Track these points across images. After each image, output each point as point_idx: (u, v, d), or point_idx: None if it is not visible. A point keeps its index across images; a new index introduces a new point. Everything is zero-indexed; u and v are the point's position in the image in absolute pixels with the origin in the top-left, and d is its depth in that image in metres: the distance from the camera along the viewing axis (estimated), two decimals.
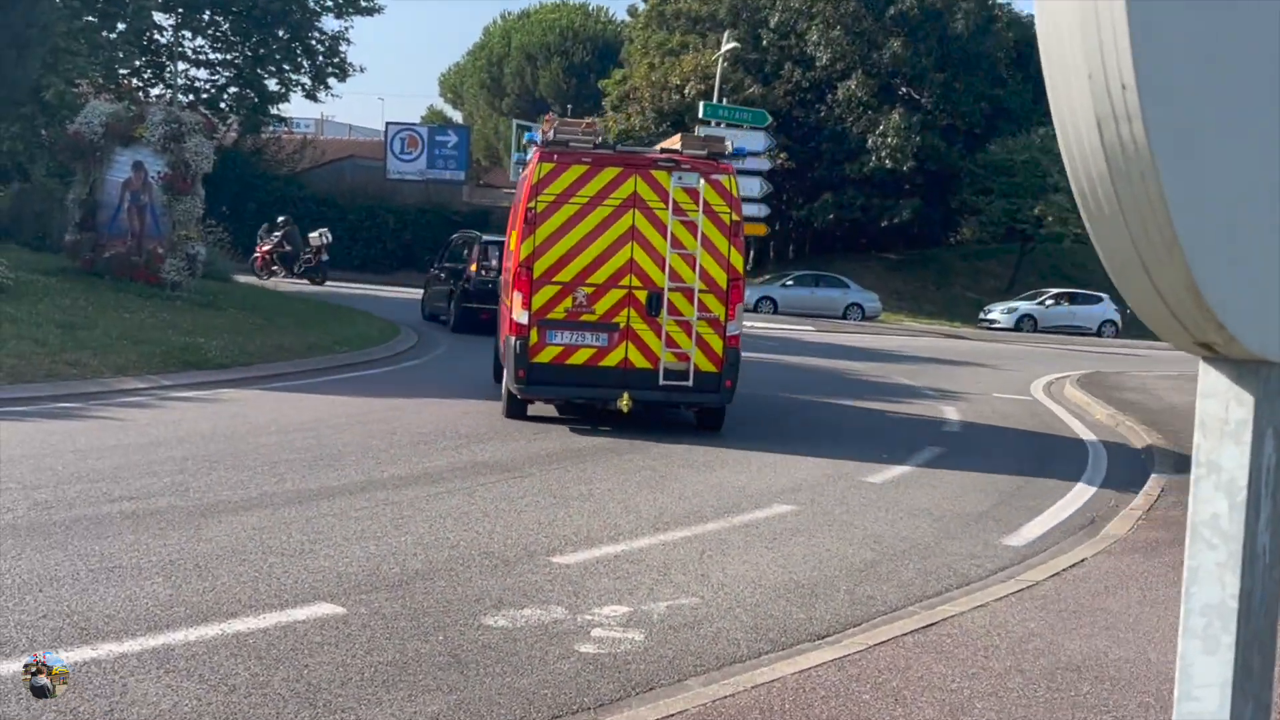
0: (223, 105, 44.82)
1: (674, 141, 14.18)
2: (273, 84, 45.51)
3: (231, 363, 16.16)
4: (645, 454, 12.15)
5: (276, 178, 46.82)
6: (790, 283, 43.82)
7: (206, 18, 44.43)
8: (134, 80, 42.64)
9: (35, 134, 29.44)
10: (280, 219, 37.67)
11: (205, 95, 44.60)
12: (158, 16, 42.47)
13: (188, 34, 44.26)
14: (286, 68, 45.39)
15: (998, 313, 44.67)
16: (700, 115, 40.89)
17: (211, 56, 45.20)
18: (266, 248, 35.80)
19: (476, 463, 10.95)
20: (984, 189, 48.92)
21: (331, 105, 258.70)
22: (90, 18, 32.58)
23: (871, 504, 10.53)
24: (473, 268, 25.22)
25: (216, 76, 45.17)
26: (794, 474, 11.64)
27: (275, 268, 35.66)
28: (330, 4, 45.10)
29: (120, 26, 36.46)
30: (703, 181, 13.41)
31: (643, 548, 8.35)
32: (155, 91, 43.67)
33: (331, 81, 46.44)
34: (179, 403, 13.35)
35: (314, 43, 45.36)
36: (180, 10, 43.11)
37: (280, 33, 44.48)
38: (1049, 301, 45.00)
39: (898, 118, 47.03)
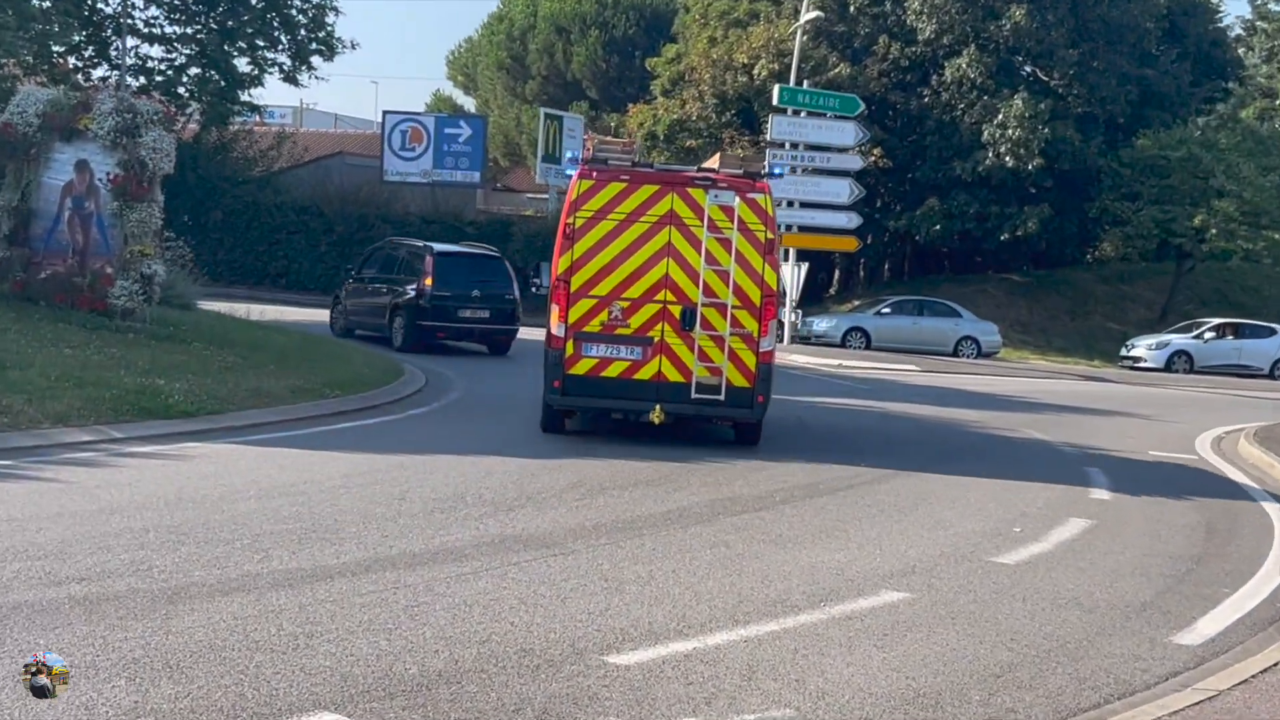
0: (181, 90, 45.31)
1: (713, 161, 17.51)
2: (243, 63, 45.98)
3: (199, 410, 16.26)
4: (715, 525, 12.12)
5: (247, 180, 47.36)
6: (887, 310, 43.80)
7: None
8: (72, 60, 43.22)
9: None
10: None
11: (160, 78, 45.05)
12: None
13: (138, 1, 44.86)
14: (260, 43, 45.82)
15: (1142, 349, 44.43)
16: (775, 101, 41.08)
17: (168, 30, 45.67)
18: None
19: (507, 535, 10.94)
20: (1130, 194, 48.74)
21: (315, 90, 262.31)
22: None
23: (1004, 591, 10.44)
24: (427, 282, 27.76)
25: (174, 55, 45.63)
26: (904, 552, 11.57)
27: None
28: None
29: None
30: (738, 199, 16.63)
31: (720, 645, 8.30)
32: (98, 73, 44.21)
33: (316, 61, 46.87)
34: (135, 460, 13.44)
35: (294, 12, 45.81)
36: None
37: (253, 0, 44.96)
38: (1208, 335, 44.66)
39: (1020, 104, 47.00)
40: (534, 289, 18.59)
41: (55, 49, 39.81)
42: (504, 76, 65.69)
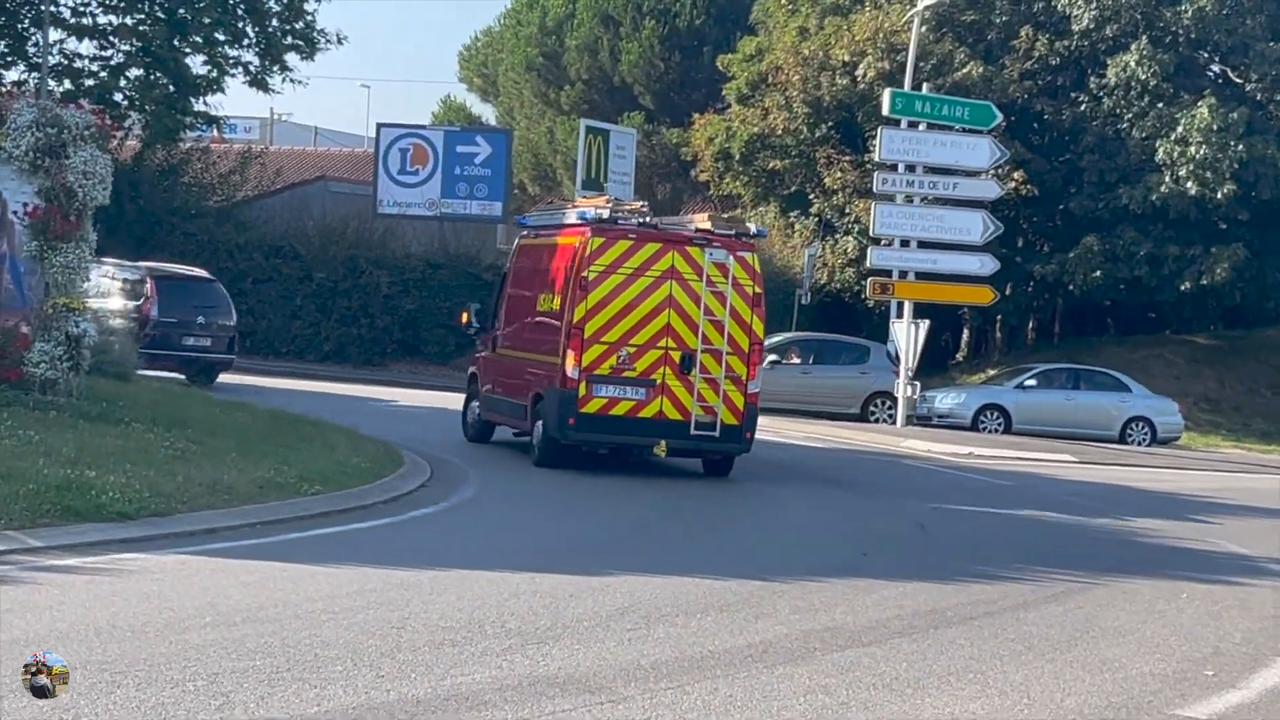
0: (119, 97, 45.70)
1: (701, 219, 25.57)
2: (198, 63, 46.43)
3: (139, 511, 16.28)
4: (810, 665, 12.03)
5: (202, 212, 47.70)
6: (1032, 383, 43.64)
7: None
8: None
9: None
10: None
11: (91, 81, 45.47)
12: None
13: None
14: (220, 37, 46.19)
15: None
16: (885, 110, 41.19)
17: (101, 20, 46.03)
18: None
19: (538, 676, 10.90)
20: None
21: (290, 97, 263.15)
22: None
23: None
24: (146, 306, 31.40)
25: (109, 51, 46.04)
26: (1060, 702, 11.46)
27: None
28: None
29: None
30: (731, 257, 24.08)
31: None
32: (12, 76, 44.75)
33: (291, 59, 47.24)
34: (57, 575, 13.42)
35: None
36: None
37: None
38: None
39: (1206, 114, 46.87)
40: (469, 331, 27.81)
41: None
42: (534, 79, 66.04)
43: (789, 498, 24.50)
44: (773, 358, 40.93)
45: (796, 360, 43.49)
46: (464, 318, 29.34)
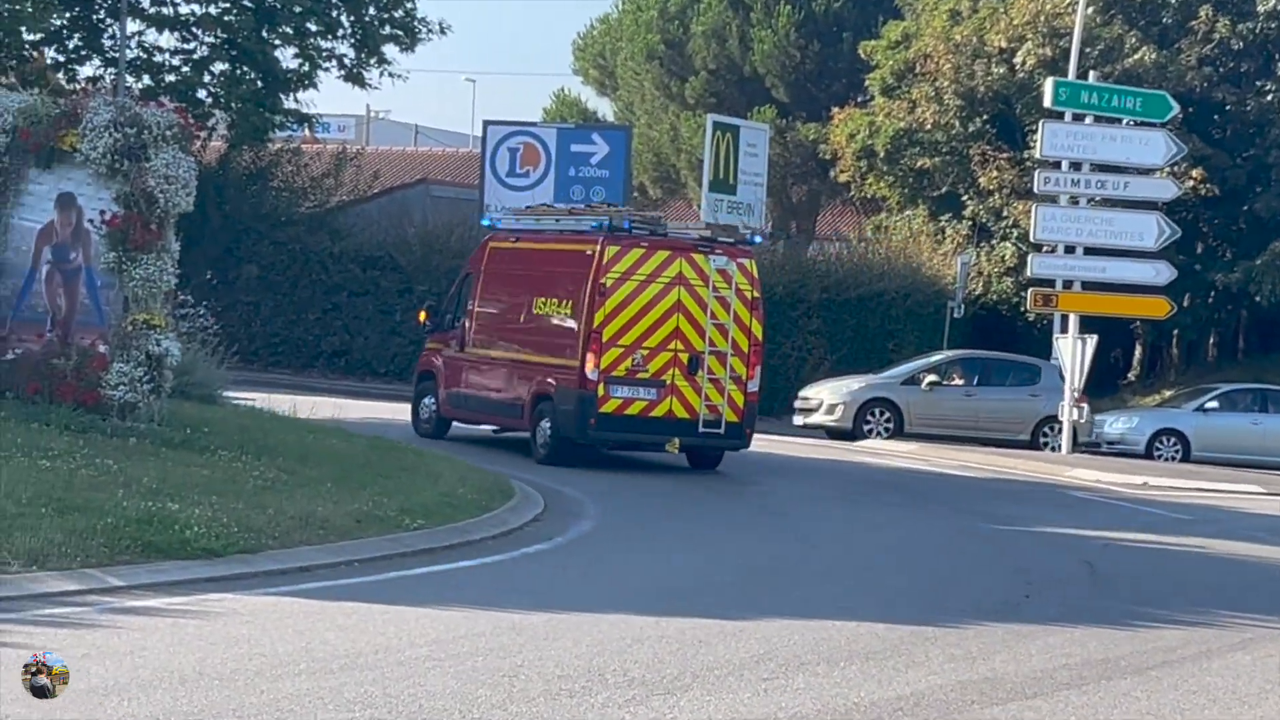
0: (202, 94, 45.95)
1: (702, 226, 30.73)
2: (288, 56, 46.42)
3: (227, 548, 16.40)
4: None
5: (294, 219, 47.84)
6: (1213, 405, 42.98)
7: None
8: (51, 52, 44.00)
9: None
10: None
11: (173, 77, 45.65)
12: None
13: None
14: (313, 27, 46.28)
15: None
16: (1048, 101, 40.84)
17: (184, 10, 46.21)
18: None
19: None
20: None
21: (387, 93, 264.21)
22: None
23: None
24: None
25: (191, 44, 46.32)
26: None
27: None
28: None
29: None
30: (733, 264, 28.04)
31: None
32: (87, 71, 45.03)
33: (389, 51, 47.25)
34: (138, 618, 13.54)
35: None
36: None
37: None
38: None
39: None
40: (425, 329, 32.94)
41: (29, 38, 40.40)
42: (655, 70, 65.96)
43: (940, 533, 24.38)
44: (931, 378, 40.70)
45: (959, 381, 43.01)
46: (421, 316, 33.32)
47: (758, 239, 31.78)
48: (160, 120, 21.99)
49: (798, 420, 41.37)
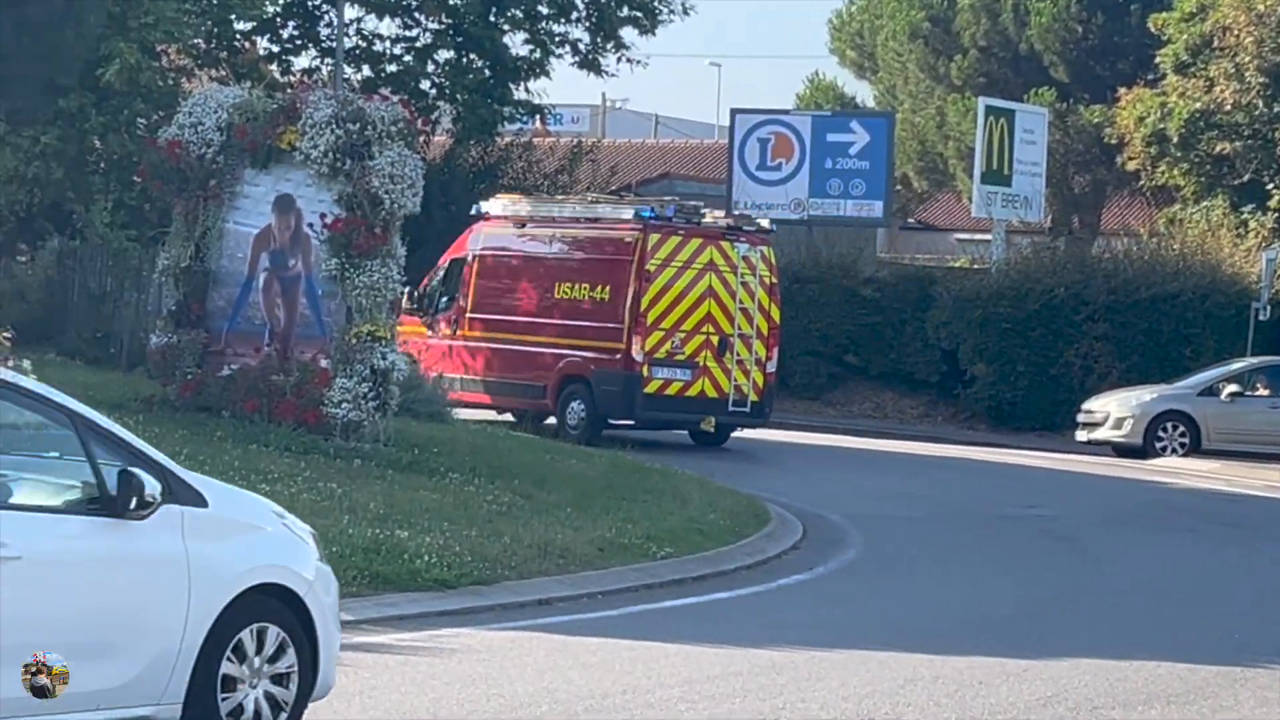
0: (426, 85, 46.40)
1: (722, 216, 36.17)
2: (518, 43, 46.70)
3: (459, 579, 16.67)
4: None
5: None
6: (1233, 387, 41.19)
7: None
8: (264, 42, 44.73)
9: (87, 146, 31.13)
10: None
11: (394, 67, 46.16)
12: None
13: None
14: (544, 10, 46.41)
15: None
16: None
17: None
18: None
19: None
20: None
21: (625, 80, 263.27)
22: None
23: None
24: None
25: (413, 31, 46.74)
26: None
27: None
28: None
29: None
30: (756, 251, 33.40)
31: None
32: (301, 62, 45.73)
33: (628, 35, 47.40)
34: (367, 656, 13.79)
35: None
36: None
37: None
38: None
39: None
40: (413, 304, 34.33)
41: (240, 28, 40.92)
42: (919, 50, 65.61)
43: (1244, 561, 24.07)
44: (1232, 389, 39.77)
45: (1264, 391, 41.87)
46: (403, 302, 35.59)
47: (774, 229, 35.95)
48: (385, 115, 22.26)
49: (1081, 435, 40.65)
